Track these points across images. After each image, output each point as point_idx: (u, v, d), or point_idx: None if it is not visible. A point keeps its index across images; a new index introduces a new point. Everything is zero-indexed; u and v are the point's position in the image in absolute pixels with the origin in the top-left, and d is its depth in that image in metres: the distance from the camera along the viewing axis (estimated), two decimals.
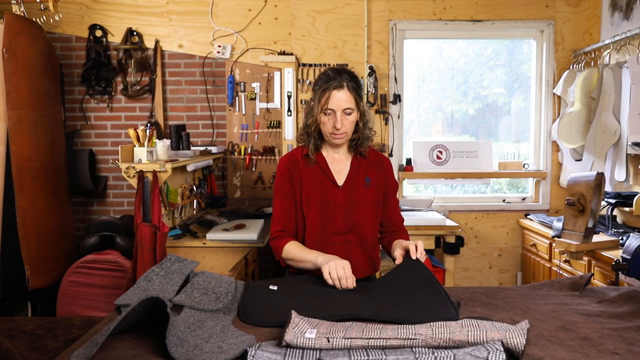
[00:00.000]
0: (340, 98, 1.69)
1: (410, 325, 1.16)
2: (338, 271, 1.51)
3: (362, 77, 3.48)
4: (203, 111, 3.55)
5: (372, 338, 1.08)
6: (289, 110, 3.41)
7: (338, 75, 1.72)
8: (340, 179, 1.79)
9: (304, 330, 1.13)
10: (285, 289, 1.53)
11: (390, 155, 3.54)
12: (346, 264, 1.54)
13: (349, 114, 1.72)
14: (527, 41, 3.67)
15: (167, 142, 2.85)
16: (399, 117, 3.54)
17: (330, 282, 1.52)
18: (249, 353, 1.06)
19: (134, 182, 2.45)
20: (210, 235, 2.63)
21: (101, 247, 2.99)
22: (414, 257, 1.55)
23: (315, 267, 1.62)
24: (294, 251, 1.71)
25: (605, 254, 2.42)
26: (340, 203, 1.76)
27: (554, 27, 3.52)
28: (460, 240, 3.01)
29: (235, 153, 3.51)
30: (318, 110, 1.73)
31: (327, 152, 1.83)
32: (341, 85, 1.70)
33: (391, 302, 1.39)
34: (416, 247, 1.56)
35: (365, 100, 3.47)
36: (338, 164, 1.82)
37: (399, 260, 1.59)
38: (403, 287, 1.46)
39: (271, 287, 1.52)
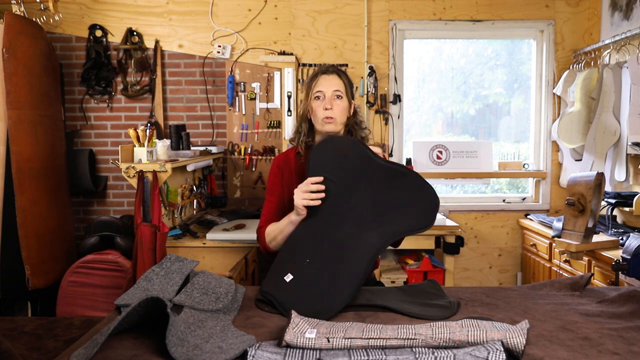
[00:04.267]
0: (330, 81, 1.75)
1: (410, 325, 1.16)
2: (304, 194, 1.54)
3: (362, 77, 3.49)
4: (203, 111, 3.55)
5: (372, 338, 1.08)
6: (289, 110, 3.41)
7: (328, 66, 1.82)
8: None
9: (304, 330, 1.13)
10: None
11: (391, 155, 3.54)
12: (303, 184, 1.57)
13: (339, 97, 1.75)
14: (527, 41, 3.67)
15: (167, 142, 2.85)
16: (399, 117, 3.54)
17: (313, 203, 1.54)
18: (249, 353, 1.06)
19: (134, 182, 2.45)
20: (210, 235, 2.63)
21: (101, 247, 2.99)
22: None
23: (293, 223, 1.62)
24: (272, 227, 1.74)
25: (605, 254, 2.42)
26: None
27: (554, 27, 3.52)
28: (460, 240, 3.01)
29: (235, 153, 3.51)
30: (308, 98, 1.77)
31: None
32: (329, 71, 1.78)
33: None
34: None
35: (365, 100, 3.47)
36: None
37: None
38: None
39: (286, 278, 1.48)
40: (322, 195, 1.54)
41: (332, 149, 1.64)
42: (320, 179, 1.55)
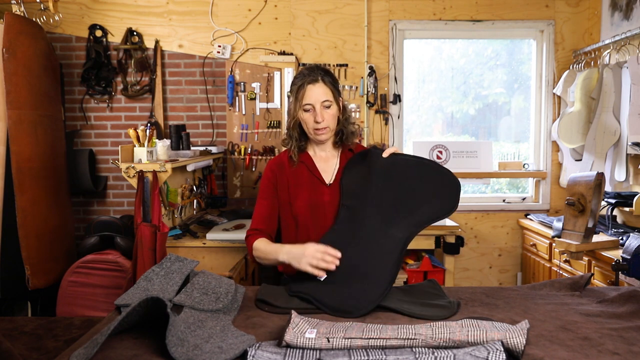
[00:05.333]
0: (317, 91, 1.71)
1: (410, 325, 1.16)
2: (319, 262, 1.46)
3: (362, 77, 3.49)
4: (203, 111, 3.55)
5: (372, 338, 1.08)
6: (288, 110, 3.41)
7: (312, 72, 1.74)
8: (328, 177, 1.79)
9: (304, 330, 1.13)
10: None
11: None
12: (319, 247, 1.49)
13: (328, 106, 1.73)
14: (527, 41, 3.67)
15: (167, 142, 2.85)
16: (399, 117, 3.54)
17: (316, 273, 1.46)
18: (249, 353, 1.06)
19: (134, 182, 2.45)
20: (210, 235, 2.63)
21: (101, 247, 2.99)
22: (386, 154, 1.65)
23: (278, 263, 1.61)
24: (261, 247, 1.68)
25: (605, 254, 2.42)
26: (329, 201, 1.74)
27: (554, 27, 3.52)
28: (460, 240, 3.01)
29: (235, 153, 3.51)
30: (297, 108, 1.74)
31: (313, 152, 1.83)
32: (316, 79, 1.72)
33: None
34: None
35: (365, 100, 3.47)
36: (325, 162, 1.81)
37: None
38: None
39: (320, 278, 1.49)
40: (332, 267, 1.46)
41: (350, 168, 1.73)
42: (339, 254, 1.47)
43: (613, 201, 2.75)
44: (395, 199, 1.56)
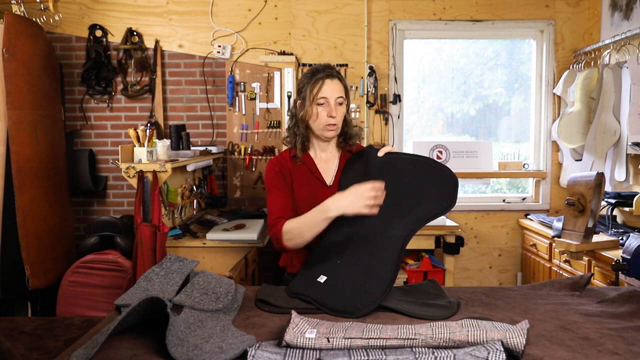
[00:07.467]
0: (334, 87, 1.71)
1: (410, 325, 1.16)
2: (376, 199, 1.45)
3: (362, 77, 3.49)
4: (203, 111, 3.55)
5: (372, 338, 1.08)
6: (289, 110, 3.40)
7: (327, 68, 1.74)
8: (329, 178, 1.78)
9: (304, 330, 1.13)
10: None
11: None
12: (365, 186, 1.46)
13: (341, 103, 1.73)
14: (527, 41, 3.67)
15: (167, 142, 2.85)
16: (399, 117, 3.54)
17: (373, 212, 1.45)
18: (249, 353, 1.06)
19: (134, 182, 2.45)
20: (210, 235, 2.63)
21: (101, 247, 2.99)
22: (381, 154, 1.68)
23: (327, 220, 1.52)
24: (293, 223, 1.59)
25: (605, 254, 2.42)
26: None
27: (554, 27, 3.52)
28: (460, 240, 3.01)
29: (235, 153, 3.51)
30: (309, 102, 1.70)
31: (314, 153, 1.81)
32: (333, 75, 1.72)
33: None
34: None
35: (365, 100, 3.47)
36: (326, 163, 1.80)
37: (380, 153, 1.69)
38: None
39: (319, 279, 1.48)
40: (381, 201, 1.47)
41: (348, 167, 1.74)
42: (382, 185, 1.47)
43: (613, 201, 2.75)
44: (393, 198, 1.55)
